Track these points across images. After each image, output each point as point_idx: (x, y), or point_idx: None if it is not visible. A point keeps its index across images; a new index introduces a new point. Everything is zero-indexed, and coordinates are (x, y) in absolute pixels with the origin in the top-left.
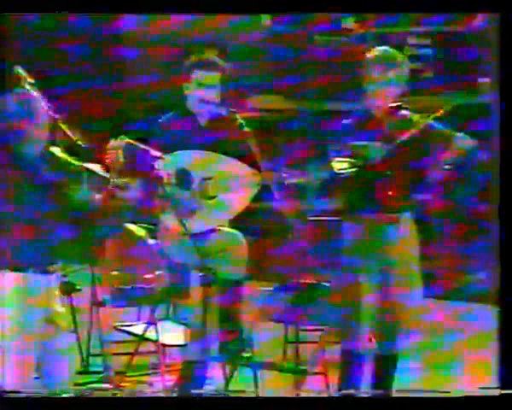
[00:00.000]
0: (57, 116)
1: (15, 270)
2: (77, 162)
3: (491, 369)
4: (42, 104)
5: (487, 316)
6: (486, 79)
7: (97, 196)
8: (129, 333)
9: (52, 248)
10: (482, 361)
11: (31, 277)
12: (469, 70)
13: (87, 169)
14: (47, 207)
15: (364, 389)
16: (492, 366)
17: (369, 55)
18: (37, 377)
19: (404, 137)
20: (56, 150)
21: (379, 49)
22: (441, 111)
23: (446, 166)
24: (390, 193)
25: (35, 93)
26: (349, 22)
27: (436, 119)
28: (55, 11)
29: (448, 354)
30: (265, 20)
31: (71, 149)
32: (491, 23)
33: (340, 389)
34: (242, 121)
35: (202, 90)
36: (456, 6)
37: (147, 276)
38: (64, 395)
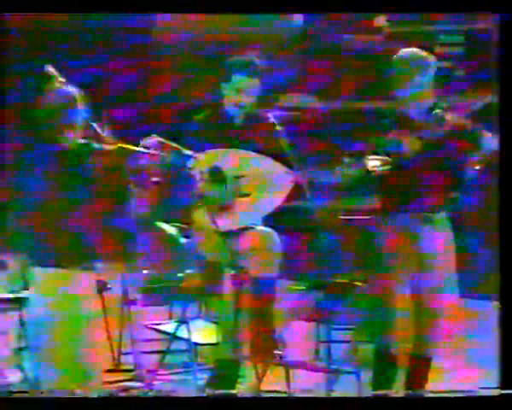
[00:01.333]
0: (89, 114)
1: (58, 266)
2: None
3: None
4: (79, 101)
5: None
6: None
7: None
8: (160, 332)
9: (89, 245)
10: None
11: (71, 273)
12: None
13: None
14: (84, 202)
15: (397, 390)
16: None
17: (396, 56)
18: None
19: (437, 136)
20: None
21: (406, 51)
22: (472, 110)
23: (476, 167)
24: (422, 192)
25: (72, 90)
26: (380, 20)
27: (467, 118)
28: (56, 11)
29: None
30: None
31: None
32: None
33: (373, 389)
34: (275, 120)
35: (240, 95)
36: (456, 6)
37: (179, 274)
38: (94, 395)
